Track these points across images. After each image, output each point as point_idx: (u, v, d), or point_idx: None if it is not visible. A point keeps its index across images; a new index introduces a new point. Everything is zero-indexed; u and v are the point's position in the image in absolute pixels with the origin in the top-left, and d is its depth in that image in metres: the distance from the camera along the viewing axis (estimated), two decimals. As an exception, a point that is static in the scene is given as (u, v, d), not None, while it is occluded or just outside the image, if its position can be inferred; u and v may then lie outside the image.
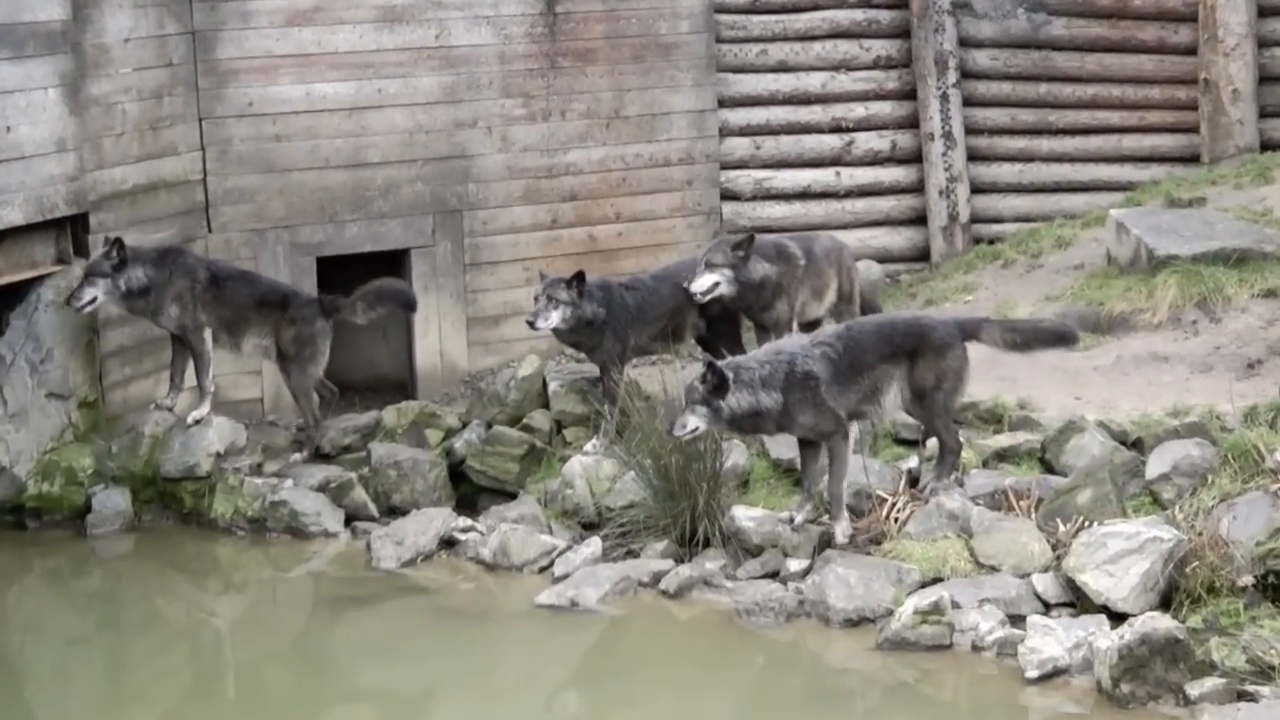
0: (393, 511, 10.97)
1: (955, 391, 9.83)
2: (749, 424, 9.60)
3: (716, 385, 9.45)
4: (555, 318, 10.85)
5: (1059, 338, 10.02)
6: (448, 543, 10.48)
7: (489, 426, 11.34)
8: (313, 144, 12.29)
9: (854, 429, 9.76)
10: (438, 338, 12.57)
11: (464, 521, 10.60)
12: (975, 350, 9.98)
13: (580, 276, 10.88)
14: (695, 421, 9.52)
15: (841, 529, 9.58)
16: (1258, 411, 10.04)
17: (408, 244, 12.53)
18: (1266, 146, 13.83)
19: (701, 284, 10.85)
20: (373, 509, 11.01)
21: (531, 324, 10.91)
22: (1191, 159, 13.94)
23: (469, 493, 11.22)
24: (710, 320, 11.28)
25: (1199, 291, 11.60)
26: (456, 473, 11.24)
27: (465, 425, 11.49)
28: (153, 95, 11.72)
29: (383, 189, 12.46)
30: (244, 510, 10.94)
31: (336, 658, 9.45)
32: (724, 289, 10.88)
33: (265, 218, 12.18)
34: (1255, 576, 8.73)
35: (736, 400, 9.45)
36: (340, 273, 12.19)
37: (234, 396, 12.02)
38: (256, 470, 11.21)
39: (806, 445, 9.76)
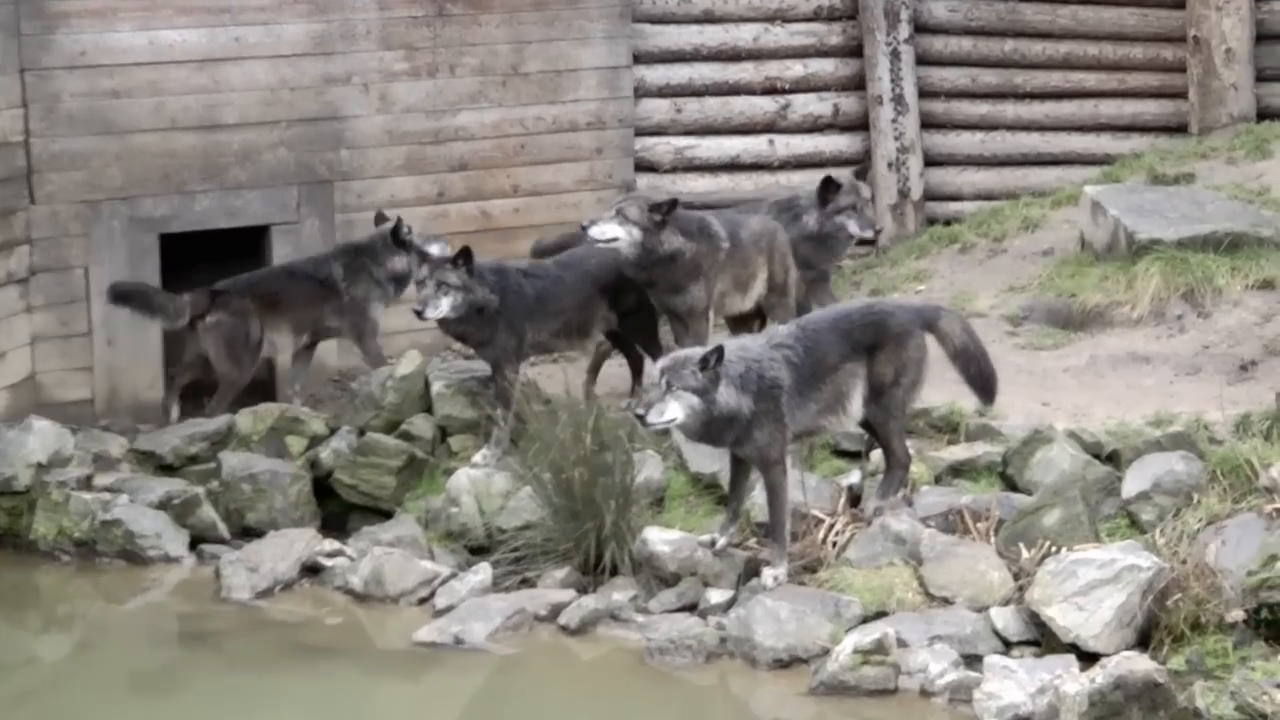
0: (247, 533, 10.90)
1: (914, 387, 9.88)
2: (716, 430, 9.43)
3: (717, 375, 9.25)
4: (445, 305, 10.79)
5: (986, 385, 9.98)
6: (311, 569, 10.43)
7: (361, 434, 11.28)
8: (157, 101, 12.17)
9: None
10: (302, 329, 12.48)
11: (331, 545, 10.55)
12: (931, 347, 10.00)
13: (466, 253, 10.81)
14: (678, 411, 9.23)
15: (774, 574, 9.51)
16: (1251, 420, 10.10)
17: (268, 219, 12.45)
18: (1264, 115, 13.95)
19: (601, 230, 10.76)
20: (223, 530, 10.93)
21: (420, 313, 10.86)
22: (1178, 129, 14.04)
23: (337, 511, 11.15)
24: (623, 314, 11.26)
25: (1185, 282, 11.67)
26: (322, 487, 11.18)
27: (333, 432, 11.42)
28: (-35, 42, 11.61)
29: (240, 155, 12.37)
30: (70, 531, 10.82)
31: (180, 705, 9.35)
32: (623, 248, 10.79)
33: (100, 187, 12.06)
34: (1246, 611, 8.77)
35: (725, 397, 9.30)
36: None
37: (60, 397, 11.91)
38: (85, 484, 11.09)
39: (738, 460, 9.73)
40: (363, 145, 12.65)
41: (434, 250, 11.78)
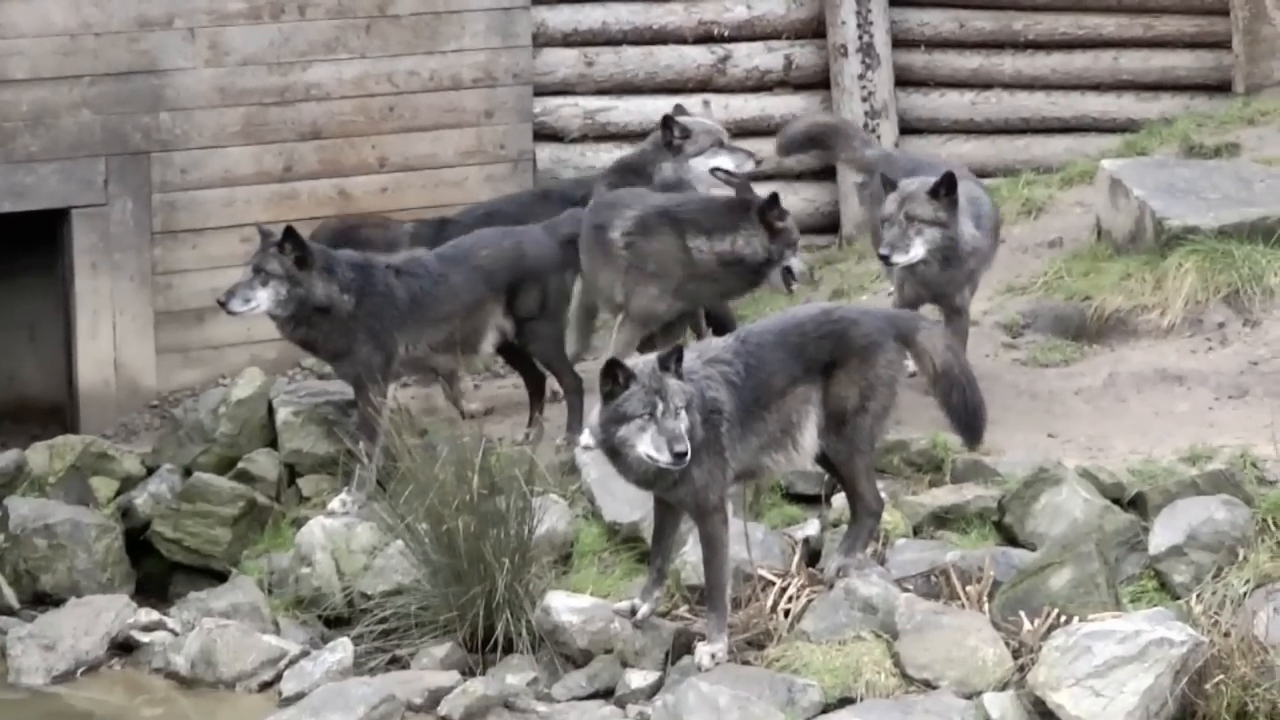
0: (41, 600, 10.93)
1: (885, 414, 9.91)
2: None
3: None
4: (264, 298, 10.87)
5: (972, 421, 10.05)
6: (124, 647, 10.46)
7: (187, 473, 11.31)
8: (-77, 51, 12.21)
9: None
10: (111, 341, 12.48)
11: (148, 615, 10.58)
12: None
13: (291, 235, 10.84)
14: (686, 443, 9.18)
15: (710, 651, 9.51)
16: (1311, 456, 10.22)
17: (67, 201, 12.46)
18: (1326, 70, 14.11)
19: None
20: (10, 597, 10.92)
21: (224, 304, 10.93)
22: (1219, 87, 14.13)
23: (156, 572, 11.20)
24: (522, 320, 11.30)
25: (1228, 281, 11.73)
26: (138, 542, 11.20)
27: (151, 472, 11.47)
28: None
29: (30, 119, 12.38)
30: None
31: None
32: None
33: None
34: (1304, 696, 8.89)
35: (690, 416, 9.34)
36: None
37: None
38: None
39: (665, 506, 9.76)
40: (188, 106, 12.66)
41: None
